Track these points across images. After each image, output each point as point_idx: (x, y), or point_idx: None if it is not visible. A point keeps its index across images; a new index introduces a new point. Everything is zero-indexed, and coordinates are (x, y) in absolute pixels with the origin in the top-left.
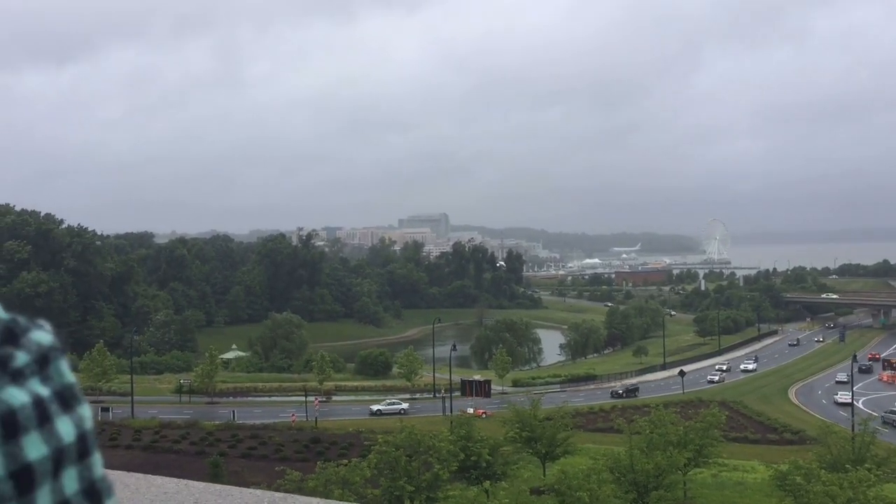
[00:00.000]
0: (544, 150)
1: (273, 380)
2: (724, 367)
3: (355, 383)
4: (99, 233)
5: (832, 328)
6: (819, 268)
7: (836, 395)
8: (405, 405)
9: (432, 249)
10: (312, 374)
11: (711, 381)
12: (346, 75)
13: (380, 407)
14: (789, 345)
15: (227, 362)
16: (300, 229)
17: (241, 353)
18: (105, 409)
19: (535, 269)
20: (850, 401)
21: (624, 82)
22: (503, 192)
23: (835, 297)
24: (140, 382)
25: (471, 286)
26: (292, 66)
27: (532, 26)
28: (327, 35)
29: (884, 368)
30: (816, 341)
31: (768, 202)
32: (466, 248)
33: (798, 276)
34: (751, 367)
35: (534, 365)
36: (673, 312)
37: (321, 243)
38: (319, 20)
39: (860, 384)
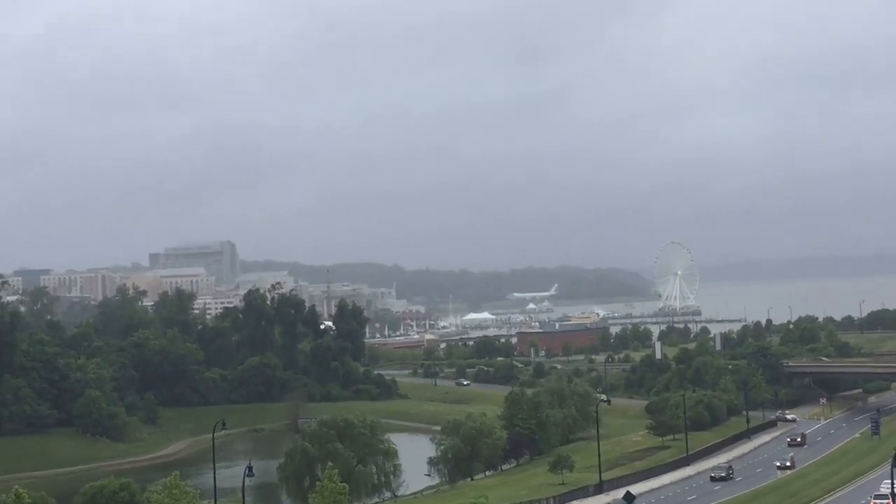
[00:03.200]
0: (399, 139)
1: None
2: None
3: None
4: None
5: (860, 413)
6: (836, 317)
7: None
8: None
9: (210, 303)
10: None
11: None
12: None
13: None
14: (789, 443)
15: None
16: None
17: None
18: None
19: (387, 333)
20: None
21: (537, 27)
22: (329, 209)
23: (863, 362)
24: None
25: (277, 364)
26: None
27: None
28: None
29: None
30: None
31: (757, 214)
32: (269, 300)
33: (805, 332)
34: (724, 475)
35: (387, 495)
36: (605, 398)
37: (12, 298)
38: None
39: None
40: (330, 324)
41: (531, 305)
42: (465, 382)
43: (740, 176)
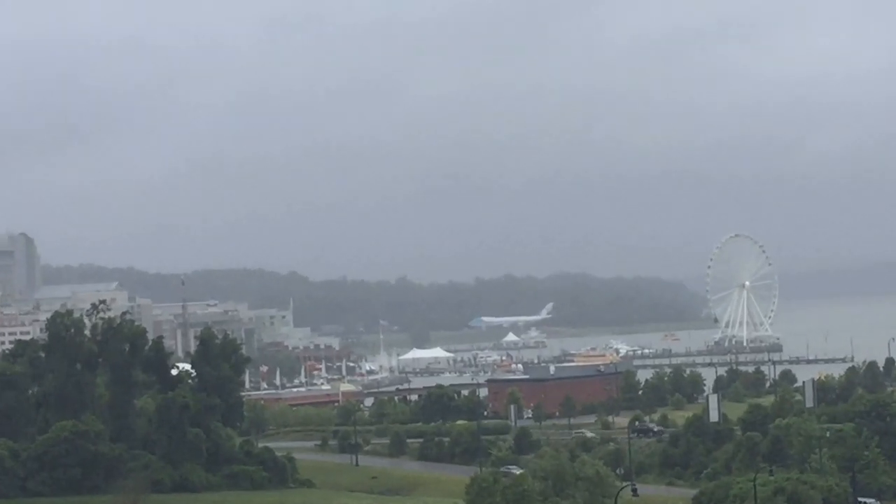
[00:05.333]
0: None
1: None
2: None
3: None
4: None
5: None
6: None
7: None
8: None
9: None
10: None
11: None
12: None
13: None
14: None
15: None
16: None
17: None
18: None
19: (280, 382)
20: None
21: None
22: (185, 183)
23: None
24: None
25: (102, 433)
26: None
27: None
28: None
29: None
30: None
31: (869, 191)
32: (88, 328)
33: None
34: None
35: None
36: (629, 484)
37: None
38: None
39: None
40: (187, 367)
41: (510, 337)
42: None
43: (845, 130)
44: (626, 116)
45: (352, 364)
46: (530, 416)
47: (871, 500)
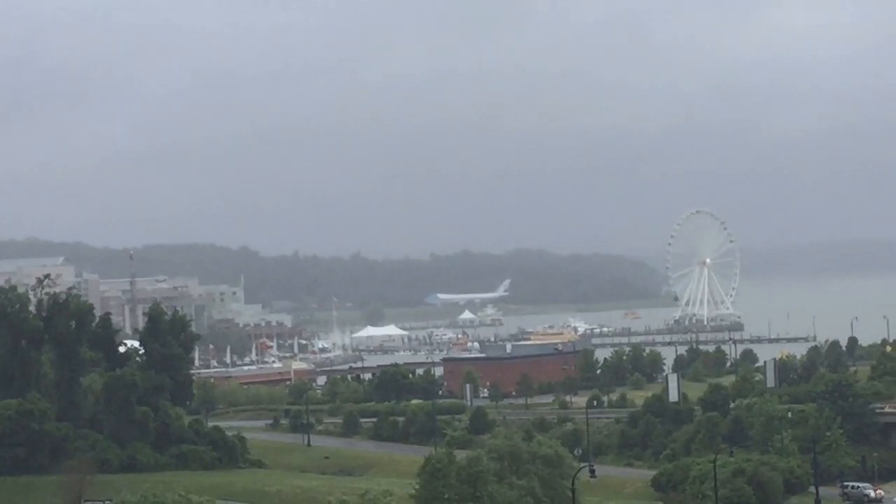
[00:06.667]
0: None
1: None
2: None
3: None
4: None
5: None
6: None
7: None
8: None
9: None
10: None
11: None
12: None
13: None
14: None
15: None
16: None
17: None
18: None
19: (231, 359)
20: None
21: None
22: (139, 155)
23: None
24: None
25: (47, 412)
26: None
27: None
28: None
29: None
30: None
31: (829, 171)
32: (32, 304)
33: None
34: None
35: None
36: (588, 464)
37: None
38: None
39: None
40: (135, 344)
41: (466, 314)
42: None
43: (809, 109)
44: (588, 96)
45: (304, 342)
46: (486, 395)
47: (866, 485)
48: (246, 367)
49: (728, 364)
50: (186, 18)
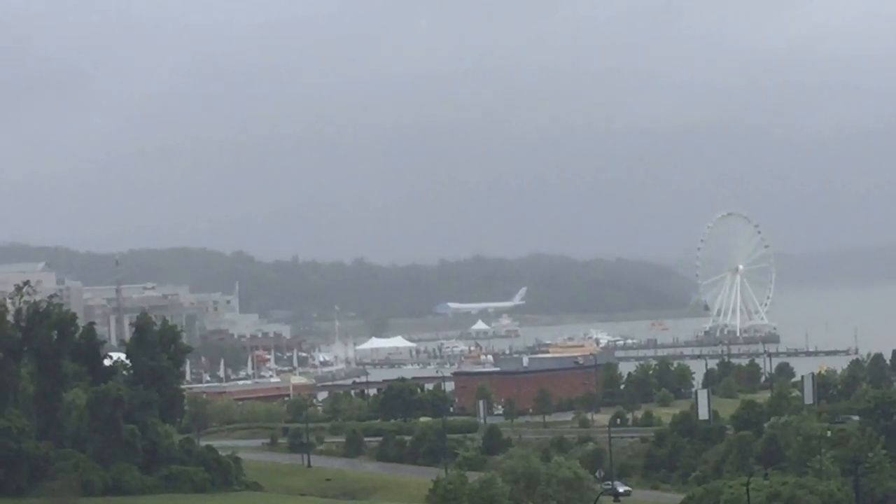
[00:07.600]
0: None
1: None
2: None
3: None
4: None
5: None
6: None
7: None
8: None
9: None
10: None
11: None
12: None
13: None
14: None
15: None
16: None
17: None
18: None
19: (225, 373)
20: None
21: None
22: (129, 155)
23: None
24: None
25: (27, 430)
26: None
27: None
28: None
29: None
30: None
31: (881, 171)
32: (11, 314)
33: None
34: None
35: None
36: (610, 485)
37: None
38: None
39: None
40: (121, 357)
41: (479, 325)
42: None
43: (848, 106)
44: (613, 91)
45: (304, 354)
46: (501, 412)
47: None
48: (241, 382)
49: (762, 379)
50: (181, 14)
